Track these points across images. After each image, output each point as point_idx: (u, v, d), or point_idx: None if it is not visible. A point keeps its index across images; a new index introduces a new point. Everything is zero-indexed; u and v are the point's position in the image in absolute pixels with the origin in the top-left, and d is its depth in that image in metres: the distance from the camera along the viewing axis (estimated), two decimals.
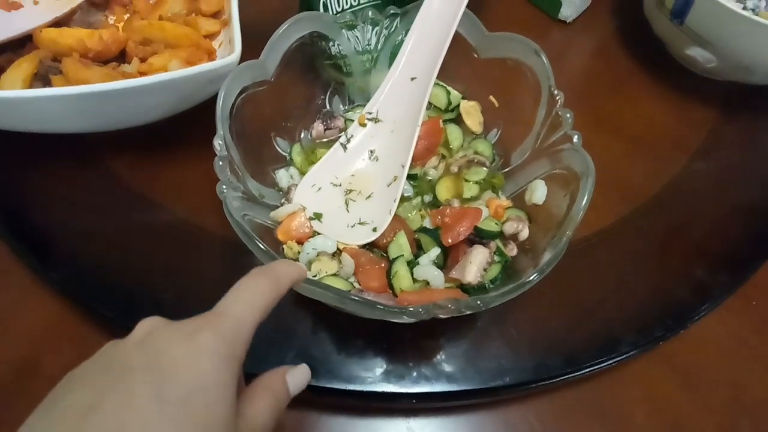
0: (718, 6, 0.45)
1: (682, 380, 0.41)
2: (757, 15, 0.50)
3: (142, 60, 0.45)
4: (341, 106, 0.46)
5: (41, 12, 0.47)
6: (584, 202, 0.33)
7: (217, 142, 0.35)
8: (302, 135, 0.44)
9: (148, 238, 0.43)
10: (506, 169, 0.42)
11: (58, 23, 0.47)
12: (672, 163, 0.49)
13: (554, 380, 0.38)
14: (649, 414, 0.40)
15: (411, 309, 0.30)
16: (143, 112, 0.42)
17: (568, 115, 0.37)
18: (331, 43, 0.43)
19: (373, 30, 0.43)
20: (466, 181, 0.42)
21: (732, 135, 0.52)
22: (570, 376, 0.38)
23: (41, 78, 0.43)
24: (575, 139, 0.36)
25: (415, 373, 0.38)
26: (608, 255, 0.44)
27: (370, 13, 0.42)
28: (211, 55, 0.47)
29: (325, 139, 0.43)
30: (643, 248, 0.45)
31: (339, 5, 0.45)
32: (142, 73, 0.45)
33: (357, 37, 0.43)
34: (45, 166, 0.46)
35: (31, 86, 0.43)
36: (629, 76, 0.56)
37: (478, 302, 0.30)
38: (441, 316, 0.30)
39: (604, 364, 0.39)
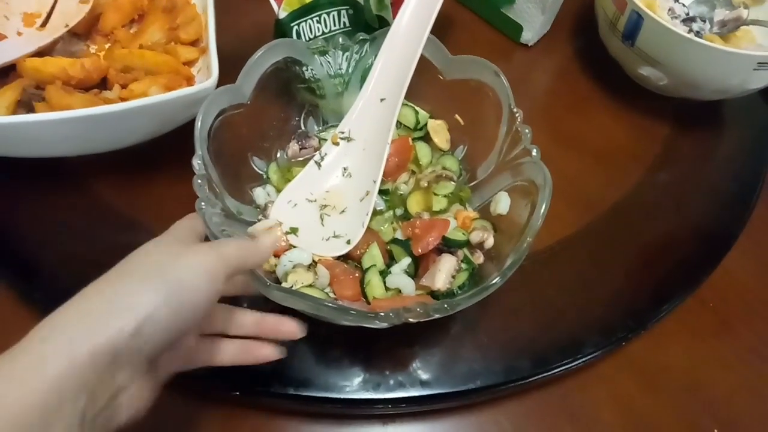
0: (663, 29, 0.48)
1: (645, 380, 0.44)
2: (701, 37, 0.54)
3: (123, 87, 0.47)
4: (315, 127, 0.48)
5: (24, 42, 0.48)
6: (543, 209, 0.35)
7: (196, 162, 0.36)
8: (278, 154, 0.46)
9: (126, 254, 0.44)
10: (472, 183, 0.45)
11: (41, 53, 0.48)
12: (629, 174, 0.53)
13: (523, 382, 0.40)
14: (615, 412, 0.42)
15: (382, 314, 0.31)
16: (124, 135, 0.43)
17: (527, 131, 0.40)
18: (304, 68, 0.45)
19: (343, 55, 0.45)
20: (435, 194, 0.44)
21: (684, 148, 0.55)
22: (538, 377, 0.40)
23: (24, 105, 0.45)
24: (534, 152, 0.39)
25: (390, 380, 0.40)
26: (571, 262, 0.47)
27: (340, 39, 0.44)
28: (189, 81, 0.49)
29: (300, 158, 0.45)
30: (604, 255, 0.48)
31: (311, 32, 0.48)
32: (123, 99, 0.46)
33: (329, 62, 0.45)
34: (28, 190, 0.47)
35: (14, 113, 0.44)
36: (588, 94, 0.59)
37: (445, 305, 0.32)
38: (411, 319, 0.32)
39: (570, 365, 0.41)
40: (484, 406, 0.41)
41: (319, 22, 0.47)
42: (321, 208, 0.43)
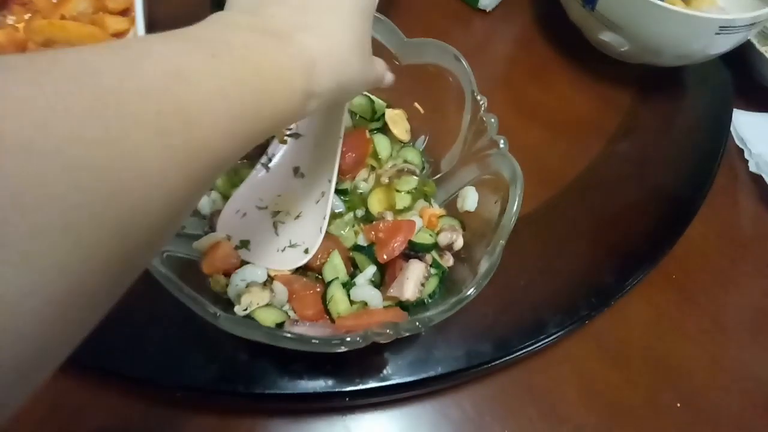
0: None
1: (609, 356, 0.44)
2: (663, 1, 0.52)
3: None
4: None
5: None
6: (515, 208, 0.33)
7: None
8: None
9: None
10: (437, 176, 0.42)
11: None
12: (590, 146, 0.51)
13: (485, 366, 0.39)
14: (579, 390, 0.42)
15: (348, 339, 0.29)
16: None
17: (492, 120, 0.37)
18: None
19: None
20: (398, 191, 0.41)
21: (646, 117, 0.54)
22: (500, 361, 0.40)
23: None
24: (501, 144, 0.36)
25: (347, 372, 0.38)
26: (532, 240, 0.45)
27: None
28: None
29: (246, 160, 0.41)
30: (565, 231, 0.47)
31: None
32: None
33: None
34: None
35: None
36: (548, 62, 0.57)
37: (417, 323, 0.30)
38: (381, 341, 0.30)
39: (534, 346, 0.40)
40: (446, 392, 0.41)
41: None
42: (273, 215, 0.39)
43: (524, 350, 0.40)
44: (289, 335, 0.29)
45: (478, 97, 0.38)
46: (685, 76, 0.56)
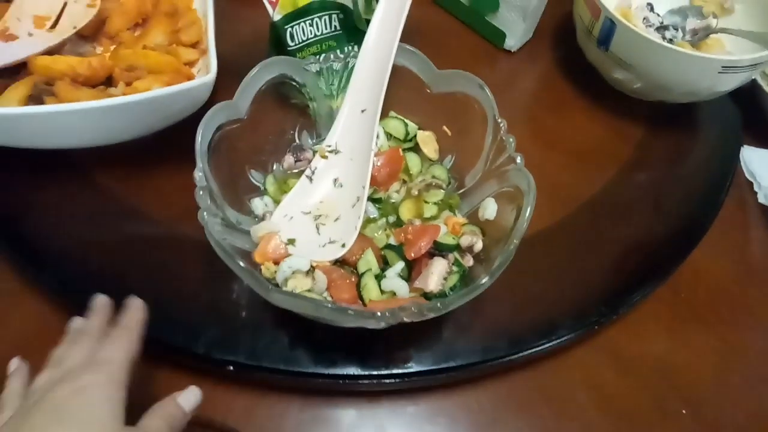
0: (634, 34, 0.51)
1: (618, 364, 0.47)
2: (673, 44, 0.57)
3: (128, 84, 0.49)
4: (309, 140, 0.50)
5: (35, 42, 0.50)
6: (528, 214, 0.38)
7: (197, 174, 0.38)
8: (275, 167, 0.48)
9: (132, 243, 0.48)
10: (461, 191, 0.47)
11: (51, 52, 0.50)
12: (605, 172, 0.56)
13: (501, 361, 0.43)
14: (589, 394, 0.45)
15: (379, 313, 0.34)
16: (128, 128, 0.46)
17: (511, 140, 0.42)
18: (298, 83, 0.47)
19: (336, 73, 0.47)
20: (426, 202, 0.46)
21: (658, 147, 0.58)
22: (515, 356, 0.44)
23: (35, 99, 0.47)
24: (518, 160, 0.41)
25: (376, 358, 0.42)
26: (546, 252, 0.50)
27: (332, 56, 0.47)
28: (190, 80, 0.51)
29: (295, 170, 0.47)
30: (579, 246, 0.51)
31: (304, 35, 0.50)
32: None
33: (322, 78, 0.47)
34: (38, 179, 0.50)
35: (22, 105, 0.47)
36: (567, 97, 0.62)
37: (438, 305, 0.34)
38: (406, 319, 0.34)
39: (545, 345, 0.44)
40: (465, 386, 0.44)
41: (311, 25, 0.50)
42: (315, 218, 0.45)
43: (537, 348, 0.44)
44: (329, 305, 0.34)
45: (499, 120, 0.43)
46: (696, 112, 0.61)
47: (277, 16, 0.47)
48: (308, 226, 0.44)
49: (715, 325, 0.50)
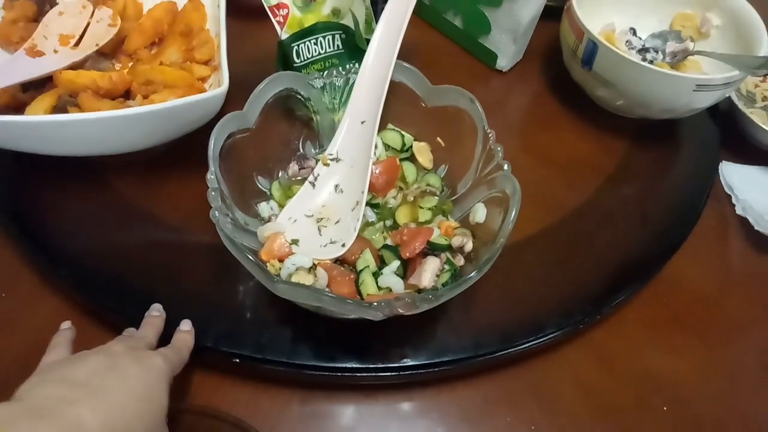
0: (615, 55, 0.55)
1: (603, 362, 0.49)
2: (653, 64, 0.61)
3: (145, 97, 0.53)
4: (312, 150, 0.53)
5: (60, 58, 0.55)
6: (513, 215, 0.41)
7: (210, 177, 0.42)
8: (280, 174, 0.51)
9: (145, 244, 0.51)
10: (453, 197, 0.51)
11: (74, 67, 0.54)
12: (590, 183, 0.59)
13: (491, 356, 0.46)
14: (575, 390, 0.48)
15: (375, 303, 0.37)
16: (145, 136, 0.49)
17: (499, 149, 0.46)
18: (303, 97, 0.51)
19: (338, 87, 0.51)
20: (421, 207, 0.49)
21: (641, 160, 0.62)
22: (504, 352, 0.46)
23: (60, 110, 0.51)
24: (505, 167, 0.45)
25: (373, 354, 0.45)
26: (536, 256, 0.53)
27: (334, 72, 0.50)
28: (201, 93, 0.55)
29: (299, 177, 0.51)
30: (565, 251, 0.54)
31: (309, 53, 0.54)
32: None
33: (326, 92, 0.51)
34: (58, 183, 0.53)
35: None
36: (555, 114, 0.66)
37: (430, 296, 0.37)
38: (401, 310, 0.37)
39: (533, 342, 0.47)
40: (457, 382, 0.47)
41: (315, 44, 0.54)
42: (318, 221, 0.48)
43: (524, 346, 0.47)
44: (330, 295, 0.37)
45: (488, 131, 0.47)
46: (677, 128, 0.65)
47: (284, 35, 0.51)
48: (311, 227, 0.47)
49: (695, 328, 0.53)
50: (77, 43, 0.57)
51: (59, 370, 0.35)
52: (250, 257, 0.38)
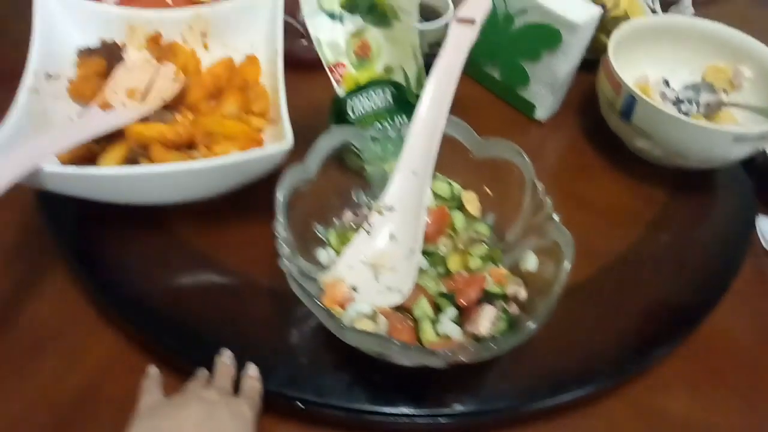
0: (654, 109, 0.58)
1: (641, 418, 0.49)
2: (688, 116, 0.63)
3: (207, 147, 0.57)
4: (365, 198, 0.56)
5: (128, 112, 0.58)
6: (567, 266, 0.43)
7: (278, 227, 0.44)
8: (336, 222, 0.54)
9: (206, 288, 0.53)
10: (502, 245, 0.53)
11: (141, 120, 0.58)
12: (630, 231, 0.60)
13: (534, 407, 0.47)
14: None
15: (441, 352, 0.38)
16: (213, 186, 0.52)
17: (548, 200, 0.48)
18: (356, 148, 0.53)
19: (390, 139, 0.54)
20: (471, 255, 0.51)
21: (680, 210, 0.63)
22: (552, 405, 0.47)
23: (131, 161, 0.54)
24: (556, 218, 0.47)
25: (427, 401, 0.46)
26: (575, 307, 0.53)
27: (388, 126, 0.53)
28: (260, 145, 0.59)
29: (354, 225, 0.53)
30: (607, 301, 0.55)
31: (362, 107, 0.57)
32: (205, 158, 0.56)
33: (378, 143, 0.54)
34: (121, 227, 0.56)
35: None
36: (593, 162, 0.68)
37: (494, 346, 0.39)
38: (463, 358, 0.39)
39: (578, 395, 0.48)
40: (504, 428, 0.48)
41: (368, 99, 0.57)
42: (374, 268, 0.50)
43: (571, 397, 0.48)
44: (397, 342, 0.38)
45: (537, 183, 0.49)
46: (714, 178, 0.66)
47: (341, 92, 0.54)
48: (368, 274, 0.49)
49: (735, 385, 0.52)
50: (143, 97, 0.61)
51: (165, 419, 0.38)
52: (319, 304, 0.40)
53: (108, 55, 0.62)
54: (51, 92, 0.58)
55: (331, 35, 0.52)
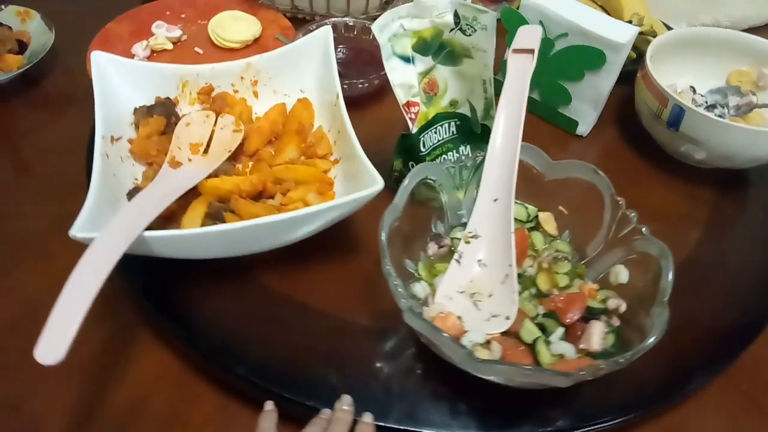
0: (704, 117, 0.61)
1: None
2: (725, 118, 0.67)
3: (283, 195, 0.58)
4: (442, 227, 0.57)
5: (196, 167, 0.59)
6: (670, 276, 0.45)
7: (386, 267, 0.45)
8: (421, 255, 0.55)
9: (296, 331, 0.53)
10: (584, 261, 0.54)
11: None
12: (689, 234, 0.63)
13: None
14: None
15: (575, 373, 0.40)
16: (303, 233, 0.52)
17: (632, 215, 0.50)
18: (433, 181, 0.55)
19: (465, 170, 0.56)
20: (557, 273, 0.53)
21: (729, 209, 0.67)
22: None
23: (213, 216, 0.54)
24: (644, 231, 0.49)
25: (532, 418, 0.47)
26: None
27: (463, 158, 0.55)
28: (331, 186, 0.60)
29: (439, 255, 0.55)
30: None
31: (431, 140, 0.59)
32: (283, 205, 0.58)
33: (450, 173, 0.56)
34: (209, 280, 0.56)
35: (203, 224, 0.54)
36: (637, 171, 0.71)
37: (621, 360, 0.40)
38: (589, 377, 0.40)
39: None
40: None
41: (435, 132, 0.59)
42: (471, 296, 0.51)
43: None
44: (528, 367, 0.40)
45: (618, 199, 0.51)
46: (753, 174, 0.70)
47: (414, 129, 0.56)
48: (467, 303, 0.51)
49: None
50: (206, 150, 0.62)
51: None
52: (451, 340, 0.41)
53: (165, 112, 0.63)
54: (116, 154, 0.59)
55: (404, 77, 0.54)
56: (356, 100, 0.70)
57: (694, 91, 0.73)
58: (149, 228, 0.47)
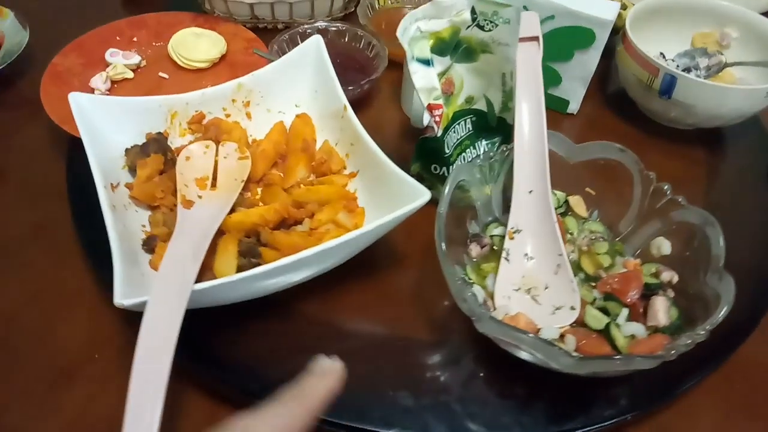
0: (695, 82, 0.64)
1: None
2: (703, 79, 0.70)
3: (310, 218, 0.55)
4: (476, 227, 0.57)
5: (210, 203, 0.54)
6: (721, 242, 0.47)
7: (457, 284, 0.44)
8: (465, 258, 0.54)
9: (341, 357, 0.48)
10: (618, 238, 0.56)
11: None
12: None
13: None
14: None
15: (662, 353, 0.40)
16: (347, 255, 0.50)
17: (666, 187, 0.52)
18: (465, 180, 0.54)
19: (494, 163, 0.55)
20: (598, 254, 0.54)
21: (719, 166, 0.70)
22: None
23: (245, 254, 0.50)
24: (681, 201, 0.50)
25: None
26: None
27: (491, 154, 0.54)
28: (355, 201, 0.58)
29: (482, 256, 0.54)
30: None
31: (452, 141, 0.58)
32: (313, 229, 0.54)
33: (485, 173, 0.55)
34: (245, 316, 0.51)
35: (239, 262, 0.50)
36: (632, 141, 0.71)
37: (702, 332, 0.42)
38: (691, 347, 0.41)
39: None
40: None
41: (454, 132, 0.58)
42: (527, 291, 0.51)
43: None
44: (619, 357, 0.40)
45: (648, 173, 0.53)
46: (732, 130, 0.74)
47: (439, 132, 0.55)
48: (526, 299, 0.51)
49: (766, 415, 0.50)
50: (213, 184, 0.57)
51: None
52: (539, 340, 0.41)
53: (161, 149, 0.58)
54: (119, 203, 0.53)
55: (426, 80, 0.52)
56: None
57: (664, 57, 0.77)
58: None
